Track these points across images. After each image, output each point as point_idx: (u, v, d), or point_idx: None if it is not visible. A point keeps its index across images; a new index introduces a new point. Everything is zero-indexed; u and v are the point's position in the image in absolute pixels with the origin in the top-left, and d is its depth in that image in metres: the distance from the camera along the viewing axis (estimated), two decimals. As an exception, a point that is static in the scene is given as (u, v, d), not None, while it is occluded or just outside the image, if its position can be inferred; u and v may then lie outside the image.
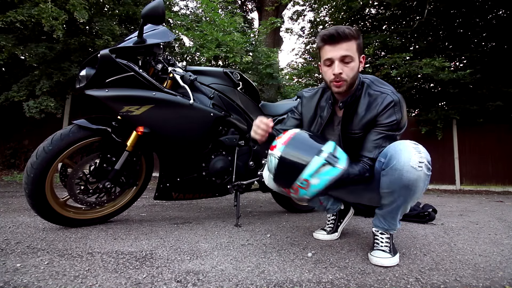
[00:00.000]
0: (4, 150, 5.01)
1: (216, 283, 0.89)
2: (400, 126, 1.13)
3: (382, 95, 1.13)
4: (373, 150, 1.14)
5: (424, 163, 1.01)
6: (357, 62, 1.12)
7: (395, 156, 1.04)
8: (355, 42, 1.10)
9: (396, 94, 1.14)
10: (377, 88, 1.16)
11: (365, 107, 1.15)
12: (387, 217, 1.15)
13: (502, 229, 1.82)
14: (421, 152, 1.03)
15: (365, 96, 1.16)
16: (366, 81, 1.19)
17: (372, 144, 1.14)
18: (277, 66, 5.89)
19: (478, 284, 0.95)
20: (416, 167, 1.00)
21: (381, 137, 1.13)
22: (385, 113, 1.12)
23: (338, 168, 0.98)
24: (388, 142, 1.13)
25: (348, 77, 1.11)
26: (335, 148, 1.03)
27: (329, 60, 1.12)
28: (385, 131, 1.13)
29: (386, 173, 1.06)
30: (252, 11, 11.98)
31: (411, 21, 6.81)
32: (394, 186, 1.05)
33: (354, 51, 1.10)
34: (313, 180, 0.97)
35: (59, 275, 0.91)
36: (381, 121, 1.13)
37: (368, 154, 1.14)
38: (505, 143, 5.48)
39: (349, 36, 1.08)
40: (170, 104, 1.51)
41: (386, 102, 1.12)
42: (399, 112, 1.12)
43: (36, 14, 3.57)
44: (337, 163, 0.98)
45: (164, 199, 1.68)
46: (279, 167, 1.02)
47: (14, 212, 1.87)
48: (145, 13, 1.43)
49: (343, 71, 1.10)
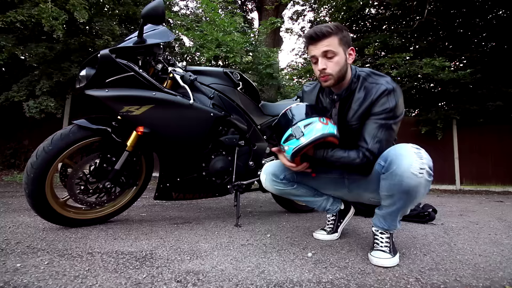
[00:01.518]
0: (4, 150, 5.01)
1: (216, 283, 0.89)
2: (395, 114, 1.14)
3: (377, 86, 1.15)
4: (368, 140, 1.14)
5: (426, 169, 1.00)
6: (343, 55, 1.16)
7: (396, 161, 1.03)
8: (336, 37, 1.14)
9: (391, 83, 1.15)
10: (372, 80, 1.18)
11: (361, 100, 1.17)
12: (387, 217, 1.15)
13: (502, 229, 1.82)
14: (422, 158, 1.01)
15: (361, 89, 1.19)
16: (362, 74, 1.21)
17: (367, 134, 1.15)
18: (277, 66, 5.89)
19: (478, 284, 0.95)
20: (417, 174, 0.99)
21: (376, 127, 1.14)
22: (379, 101, 1.13)
23: (299, 141, 1.12)
24: (383, 131, 1.13)
25: (333, 71, 1.15)
26: (310, 123, 1.13)
27: (313, 57, 1.18)
28: (380, 119, 1.13)
29: (386, 177, 1.06)
30: (252, 11, 11.98)
31: (411, 21, 6.81)
32: (394, 190, 1.05)
33: (336, 46, 1.14)
34: (285, 147, 1.18)
35: (59, 275, 0.91)
36: (375, 109, 1.14)
37: (363, 144, 1.16)
38: (505, 143, 5.47)
39: (326, 33, 1.13)
40: (170, 104, 1.51)
41: (380, 91, 1.13)
42: (393, 99, 1.12)
43: (36, 14, 3.57)
44: (301, 137, 1.12)
45: (164, 199, 1.68)
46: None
47: (14, 212, 1.87)
48: (145, 13, 1.43)
49: (327, 66, 1.15)
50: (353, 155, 1.16)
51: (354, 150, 1.17)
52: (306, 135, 1.12)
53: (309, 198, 1.43)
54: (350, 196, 1.38)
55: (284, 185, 1.39)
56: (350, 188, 1.33)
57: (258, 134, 1.89)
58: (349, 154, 1.16)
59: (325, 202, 1.44)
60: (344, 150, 1.18)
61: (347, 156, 1.16)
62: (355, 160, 1.15)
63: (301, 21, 10.59)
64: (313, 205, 1.45)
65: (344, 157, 1.16)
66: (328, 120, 1.18)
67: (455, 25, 6.59)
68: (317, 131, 1.12)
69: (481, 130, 5.57)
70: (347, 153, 1.17)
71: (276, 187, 1.40)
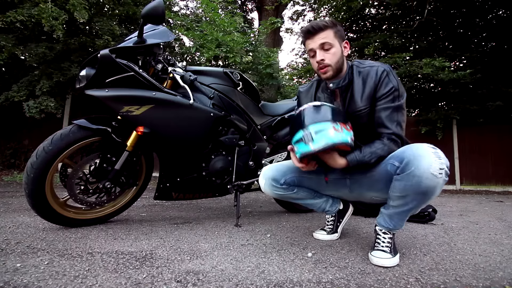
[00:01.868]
0: (4, 150, 5.01)
1: (216, 283, 0.89)
2: (400, 92, 1.18)
3: (373, 68, 1.21)
4: (389, 124, 1.15)
5: (444, 169, 0.99)
6: (339, 47, 1.21)
7: (414, 162, 1.00)
8: (332, 30, 1.19)
9: (384, 65, 1.21)
10: (364, 65, 1.24)
11: (362, 83, 1.21)
12: (394, 217, 1.13)
13: (502, 229, 1.82)
14: (441, 158, 1.00)
15: (359, 76, 1.23)
16: (354, 63, 1.27)
17: (384, 120, 1.16)
18: (277, 66, 5.89)
19: (478, 284, 0.95)
20: (436, 174, 0.98)
21: (390, 111, 1.16)
22: (382, 83, 1.18)
23: (308, 147, 1.10)
24: (397, 113, 1.16)
25: (331, 62, 1.20)
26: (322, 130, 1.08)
27: (311, 51, 1.22)
28: (390, 102, 1.17)
29: (402, 178, 1.04)
30: (252, 11, 11.98)
31: (411, 21, 6.80)
32: (409, 191, 1.03)
33: (332, 38, 1.19)
34: (295, 147, 1.16)
35: (59, 275, 0.91)
36: (381, 92, 1.18)
37: (385, 130, 1.16)
38: (505, 143, 5.47)
39: (323, 27, 1.18)
40: (170, 104, 1.51)
41: (379, 72, 1.19)
42: (394, 78, 1.19)
43: (36, 14, 3.57)
44: (310, 142, 1.09)
45: (164, 199, 1.68)
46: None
47: (14, 212, 1.87)
48: (145, 13, 1.43)
49: (325, 57, 1.19)
50: (379, 145, 1.15)
51: (377, 141, 1.16)
52: (316, 142, 1.08)
53: (309, 201, 1.42)
54: (351, 196, 1.37)
55: (284, 190, 1.36)
56: (351, 188, 1.33)
57: (258, 134, 1.89)
58: (376, 147, 1.14)
59: (324, 204, 1.44)
60: (369, 145, 1.16)
61: (375, 150, 1.14)
62: (392, 148, 1.14)
63: (301, 21, 10.54)
64: (313, 207, 1.44)
65: (374, 151, 1.14)
66: (343, 126, 1.12)
67: (455, 25, 6.59)
68: (328, 138, 1.08)
69: (481, 130, 5.57)
70: (374, 148, 1.15)
71: (276, 192, 1.37)
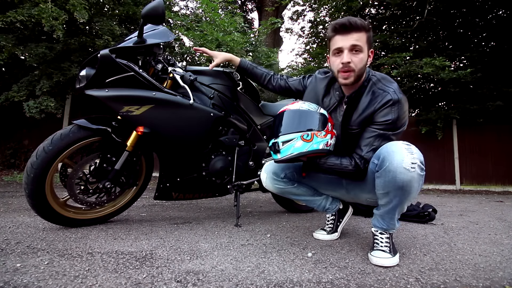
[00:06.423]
0: (4, 150, 5.01)
1: (216, 283, 0.89)
2: (396, 126, 1.13)
3: (383, 94, 1.13)
4: (363, 147, 1.16)
5: (417, 163, 1.01)
6: (366, 54, 1.13)
7: (388, 158, 1.04)
8: (366, 34, 1.11)
9: (398, 93, 1.13)
10: (381, 86, 1.16)
11: (366, 105, 1.16)
12: (385, 217, 1.15)
13: (502, 229, 1.82)
14: (413, 153, 1.03)
15: (368, 93, 1.17)
16: (373, 79, 1.19)
17: (364, 141, 1.17)
18: (277, 66, 5.90)
19: (478, 284, 0.95)
20: (409, 169, 1.01)
21: (374, 136, 1.14)
22: (382, 111, 1.12)
23: (276, 156, 1.19)
24: (380, 141, 1.13)
25: (356, 67, 1.11)
26: (290, 140, 1.14)
27: (338, 49, 1.13)
28: (379, 129, 1.13)
29: (380, 174, 1.07)
30: (252, 11, 11.98)
31: (411, 21, 6.80)
32: (389, 187, 1.06)
33: (364, 42, 1.11)
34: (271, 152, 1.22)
35: (59, 275, 0.91)
36: (376, 119, 1.14)
37: (358, 151, 1.18)
38: (505, 143, 5.47)
39: (360, 27, 1.10)
40: (170, 104, 1.51)
41: (384, 100, 1.12)
42: (396, 111, 1.11)
43: (36, 14, 3.56)
44: (277, 153, 1.17)
45: (164, 199, 1.68)
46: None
47: (14, 212, 1.87)
48: (145, 13, 1.43)
49: (351, 60, 1.11)
50: (346, 162, 1.18)
51: (347, 157, 1.19)
52: (282, 152, 1.16)
53: (308, 198, 1.43)
54: (348, 196, 1.38)
55: (285, 184, 1.39)
56: (347, 188, 1.33)
57: (258, 134, 1.89)
58: (341, 161, 1.18)
59: (324, 201, 1.44)
60: (337, 157, 1.20)
61: (339, 164, 1.18)
62: (348, 167, 1.17)
63: (301, 21, 10.55)
64: (313, 204, 1.45)
65: (337, 164, 1.19)
66: (316, 134, 1.13)
67: (455, 25, 6.58)
68: (295, 149, 1.13)
69: (481, 130, 5.57)
70: (339, 160, 1.19)
71: (277, 185, 1.40)
